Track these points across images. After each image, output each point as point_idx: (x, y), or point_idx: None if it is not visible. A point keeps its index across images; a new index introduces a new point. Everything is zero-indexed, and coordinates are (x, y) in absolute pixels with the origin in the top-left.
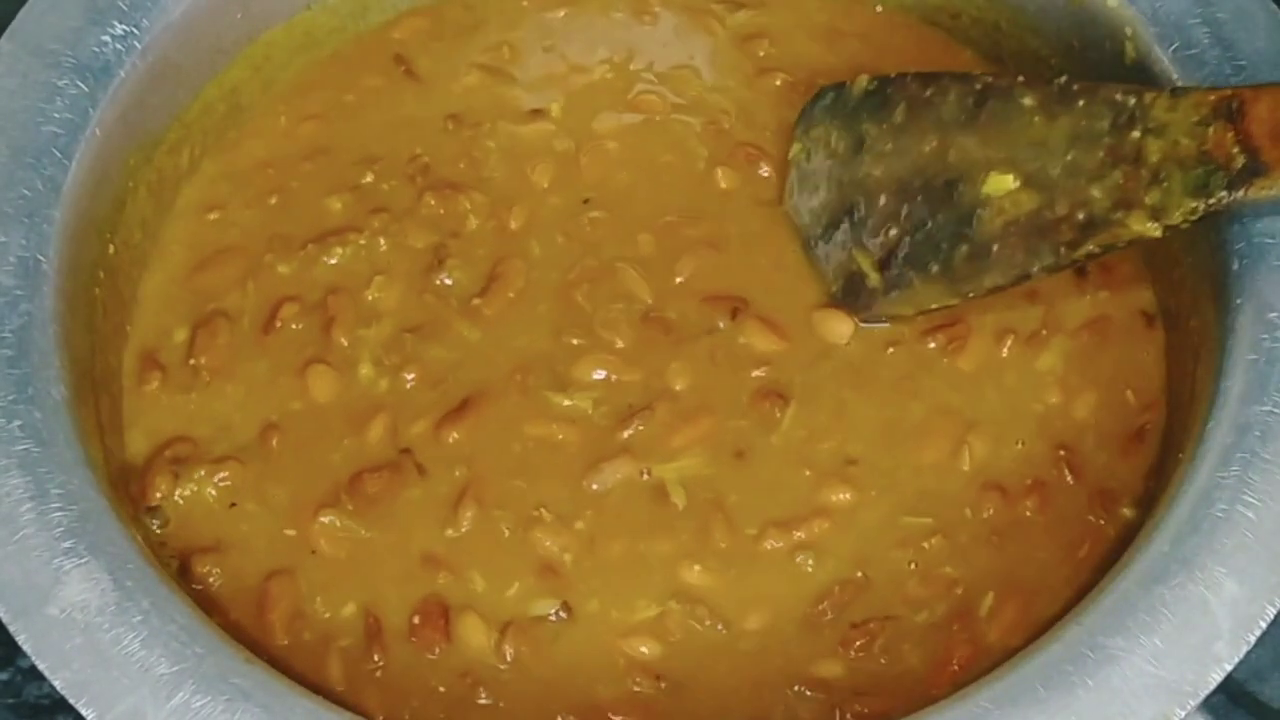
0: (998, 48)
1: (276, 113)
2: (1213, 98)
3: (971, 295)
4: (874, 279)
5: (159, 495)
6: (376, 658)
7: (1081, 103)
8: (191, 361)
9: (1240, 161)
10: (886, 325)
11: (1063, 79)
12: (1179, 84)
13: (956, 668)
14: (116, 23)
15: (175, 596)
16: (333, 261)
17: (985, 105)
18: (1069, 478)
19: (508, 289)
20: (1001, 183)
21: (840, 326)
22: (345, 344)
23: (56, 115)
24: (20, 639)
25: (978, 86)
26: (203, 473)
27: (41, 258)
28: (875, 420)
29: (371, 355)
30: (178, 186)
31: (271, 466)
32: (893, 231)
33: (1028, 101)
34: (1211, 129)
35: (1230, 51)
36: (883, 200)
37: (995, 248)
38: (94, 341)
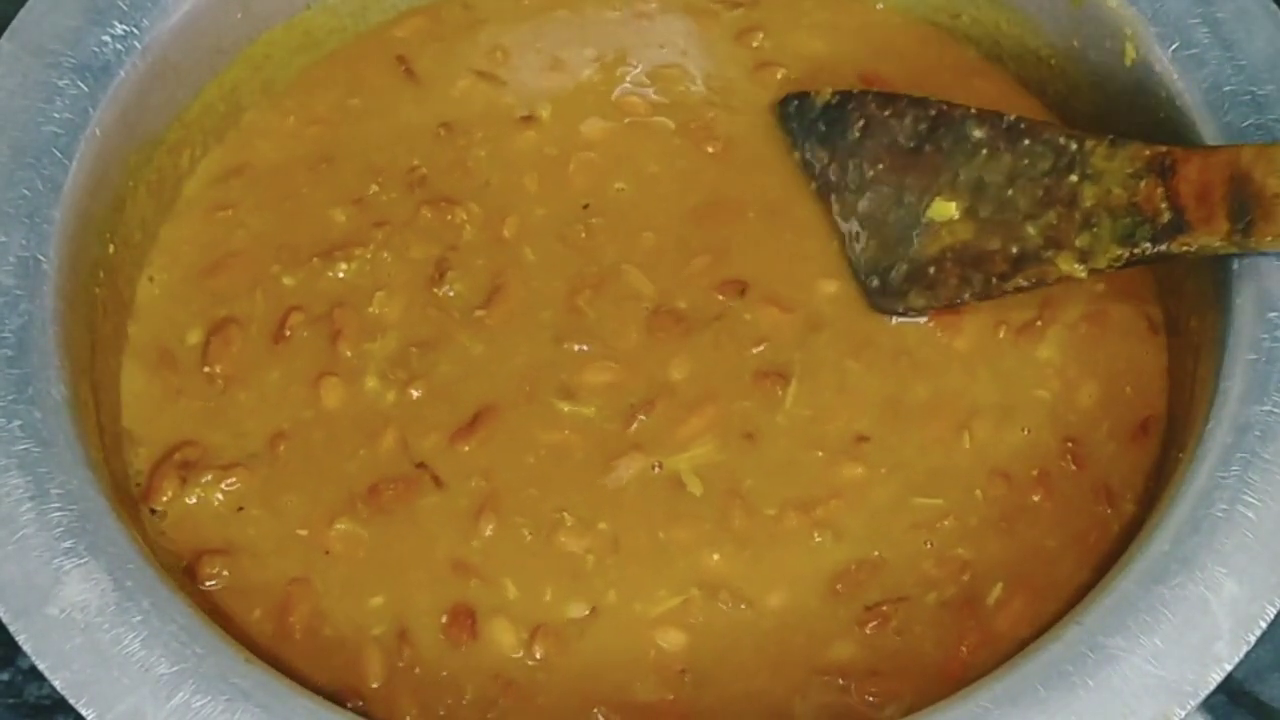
0: (998, 48)
1: (285, 111)
2: (1148, 152)
3: (902, 313)
4: None
5: (165, 499)
6: (407, 654)
7: (1026, 142)
8: (206, 369)
9: (1166, 217)
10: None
11: (1013, 117)
12: (1120, 136)
13: (965, 652)
14: (116, 23)
15: (175, 596)
16: (339, 275)
17: (936, 132)
18: (1073, 468)
19: (509, 299)
20: (945, 209)
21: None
22: (350, 356)
23: (56, 115)
24: (20, 639)
25: (932, 113)
26: (210, 478)
27: (41, 258)
28: (878, 395)
29: (378, 369)
30: (178, 186)
31: (279, 473)
32: (835, 243)
33: (977, 135)
34: (1143, 182)
35: (1230, 51)
36: (835, 210)
37: (931, 270)
38: (94, 341)
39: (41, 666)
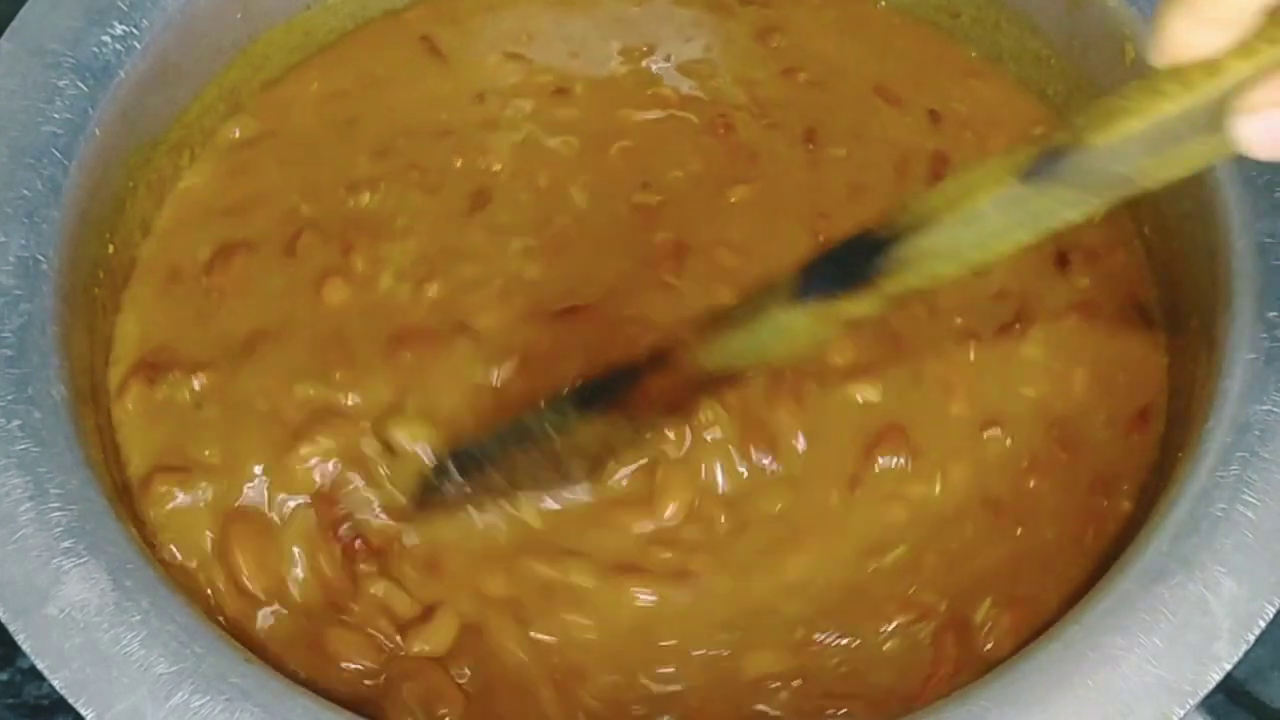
0: (998, 48)
1: (309, 79)
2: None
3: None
4: None
5: (130, 407)
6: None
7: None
8: (206, 281)
9: None
10: None
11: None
12: None
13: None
14: (116, 23)
15: (175, 596)
16: (362, 204)
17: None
18: (1065, 457)
19: (559, 228)
20: None
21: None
22: (362, 267)
23: (56, 115)
24: (20, 639)
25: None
26: (176, 375)
27: (41, 258)
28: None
29: (396, 269)
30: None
31: (254, 364)
32: None
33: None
34: None
35: None
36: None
37: None
38: (94, 342)
39: (41, 666)
